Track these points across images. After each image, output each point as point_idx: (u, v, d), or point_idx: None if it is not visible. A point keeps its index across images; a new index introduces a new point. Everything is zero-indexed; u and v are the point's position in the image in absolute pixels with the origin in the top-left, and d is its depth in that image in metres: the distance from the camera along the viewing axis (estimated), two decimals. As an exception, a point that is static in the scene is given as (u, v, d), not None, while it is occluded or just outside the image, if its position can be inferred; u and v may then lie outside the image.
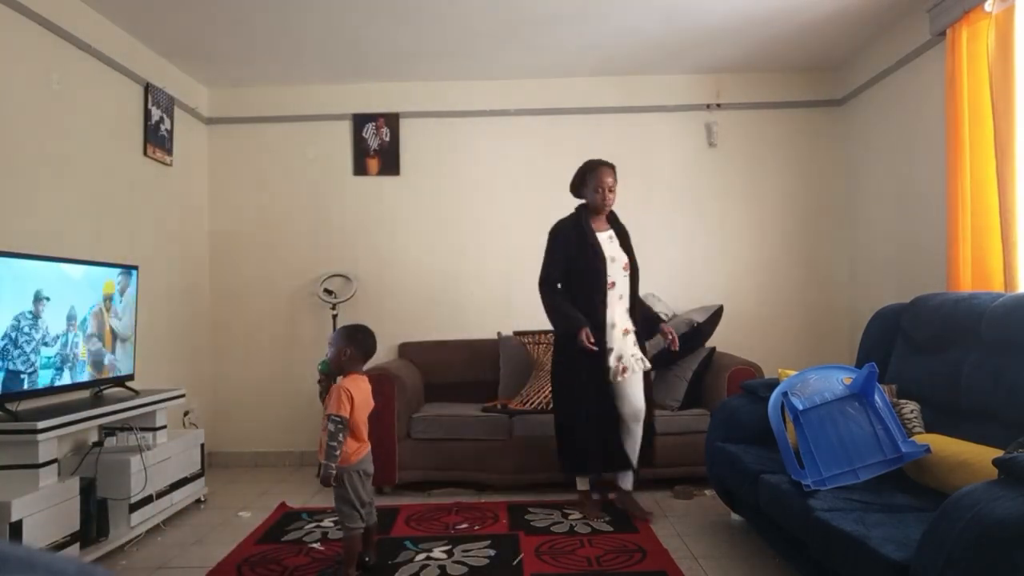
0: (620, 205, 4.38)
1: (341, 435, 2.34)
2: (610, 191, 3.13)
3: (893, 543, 1.61)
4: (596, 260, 3.07)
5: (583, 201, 3.22)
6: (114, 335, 3.06)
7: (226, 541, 2.88)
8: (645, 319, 3.20)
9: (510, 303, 4.30)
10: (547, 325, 3.20)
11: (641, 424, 3.04)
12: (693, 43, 3.87)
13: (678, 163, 4.38)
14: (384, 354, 4.34)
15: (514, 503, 3.33)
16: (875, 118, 3.95)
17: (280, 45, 3.80)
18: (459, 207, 4.41)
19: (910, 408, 2.39)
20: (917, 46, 3.43)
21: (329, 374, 2.53)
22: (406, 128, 4.42)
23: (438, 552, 2.67)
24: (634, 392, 3.01)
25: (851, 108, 4.22)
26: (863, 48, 3.98)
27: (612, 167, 3.15)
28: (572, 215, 3.21)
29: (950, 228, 3.00)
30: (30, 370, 2.52)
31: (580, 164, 3.22)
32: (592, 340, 2.90)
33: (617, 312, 3.06)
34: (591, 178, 3.13)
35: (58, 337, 2.68)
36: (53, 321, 2.65)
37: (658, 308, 4.04)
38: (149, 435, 3.06)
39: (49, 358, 2.63)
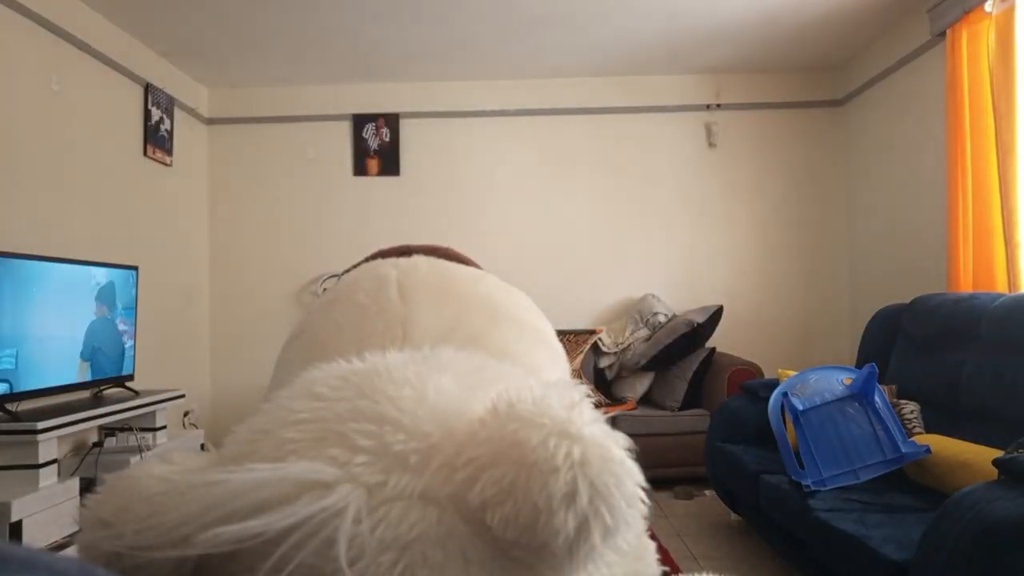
0: (621, 205, 4.42)
1: None
2: None
3: (893, 543, 1.61)
4: None
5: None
6: (113, 335, 3.06)
7: (226, 541, 2.87)
8: None
9: (510, 303, 4.30)
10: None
11: None
12: (693, 43, 3.87)
13: (678, 163, 4.38)
14: (384, 354, 4.34)
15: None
16: (875, 118, 3.95)
17: (280, 45, 3.80)
18: (459, 207, 4.41)
19: (910, 408, 2.39)
20: (917, 46, 3.43)
21: None
22: (406, 128, 4.42)
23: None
24: None
25: (851, 108, 4.22)
26: (863, 48, 3.99)
27: None
28: None
29: (950, 228, 3.00)
30: (30, 370, 2.52)
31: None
32: None
33: None
34: None
35: (58, 337, 2.68)
36: (52, 321, 2.65)
37: (658, 308, 4.05)
38: (149, 435, 3.06)
39: (49, 358, 2.63)
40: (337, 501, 0.49)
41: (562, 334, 3.75)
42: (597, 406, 0.57)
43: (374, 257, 1.08)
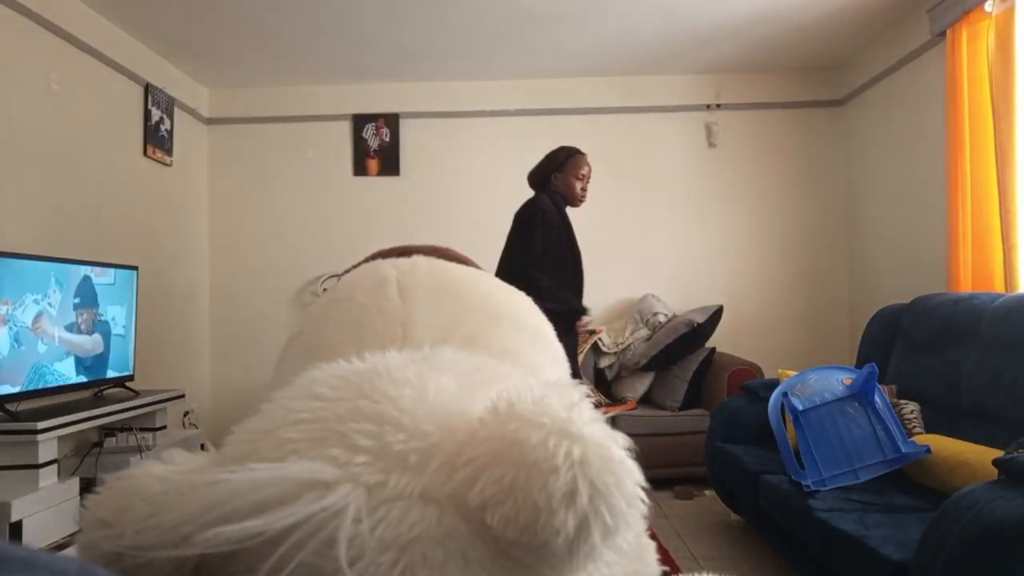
0: (621, 205, 4.42)
1: None
2: (587, 184, 2.94)
3: (893, 543, 1.61)
4: (580, 263, 2.89)
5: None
6: (113, 335, 3.06)
7: (226, 541, 2.87)
8: None
9: (510, 303, 4.30)
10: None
11: None
12: (693, 43, 3.87)
13: (678, 163, 4.38)
14: (384, 354, 4.34)
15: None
16: (875, 118, 3.95)
17: (280, 45, 3.80)
18: (459, 207, 4.41)
19: (910, 408, 2.39)
20: (917, 46, 3.43)
21: None
22: (406, 128, 4.42)
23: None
24: None
25: (851, 108, 4.22)
26: (863, 48, 3.98)
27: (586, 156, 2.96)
28: (551, 203, 2.89)
29: (950, 228, 3.00)
30: (30, 370, 2.52)
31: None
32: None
33: None
34: (571, 165, 2.92)
35: (58, 337, 2.68)
36: (53, 321, 2.65)
37: (658, 308, 4.05)
38: (149, 435, 3.05)
39: (49, 358, 2.63)
40: (337, 501, 0.49)
41: (562, 334, 3.74)
42: (597, 406, 0.57)
43: (374, 257, 1.09)
